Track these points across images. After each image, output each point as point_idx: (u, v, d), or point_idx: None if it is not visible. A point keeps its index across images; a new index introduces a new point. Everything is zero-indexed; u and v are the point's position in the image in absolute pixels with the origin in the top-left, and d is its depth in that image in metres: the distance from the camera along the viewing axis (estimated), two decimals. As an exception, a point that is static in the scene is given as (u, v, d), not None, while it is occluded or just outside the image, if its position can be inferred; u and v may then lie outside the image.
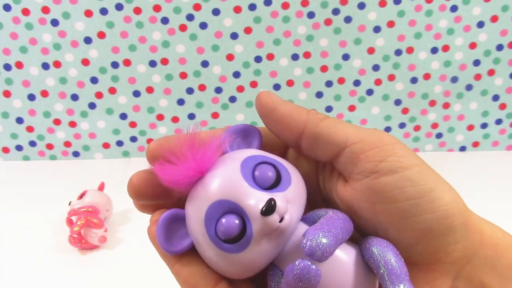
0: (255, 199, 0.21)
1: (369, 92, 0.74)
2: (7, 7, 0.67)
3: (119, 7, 0.67)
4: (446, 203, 0.21)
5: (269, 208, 0.20)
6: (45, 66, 0.71)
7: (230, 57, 0.71)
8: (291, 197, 0.21)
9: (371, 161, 0.22)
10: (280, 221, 0.20)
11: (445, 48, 0.71)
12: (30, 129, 0.75)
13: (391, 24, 0.69)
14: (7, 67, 0.71)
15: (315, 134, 0.23)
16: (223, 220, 0.21)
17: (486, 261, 0.22)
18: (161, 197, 0.23)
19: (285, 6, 0.68)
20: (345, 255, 0.22)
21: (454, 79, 0.73)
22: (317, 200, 0.25)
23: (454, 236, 0.22)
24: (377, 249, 0.21)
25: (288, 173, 0.22)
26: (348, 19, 0.69)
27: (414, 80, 0.73)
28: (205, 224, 0.21)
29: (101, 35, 0.69)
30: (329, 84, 0.73)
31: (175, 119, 0.75)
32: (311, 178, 0.25)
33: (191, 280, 0.22)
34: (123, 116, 0.75)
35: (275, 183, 0.22)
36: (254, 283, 0.24)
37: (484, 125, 0.77)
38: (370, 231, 0.23)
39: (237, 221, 0.21)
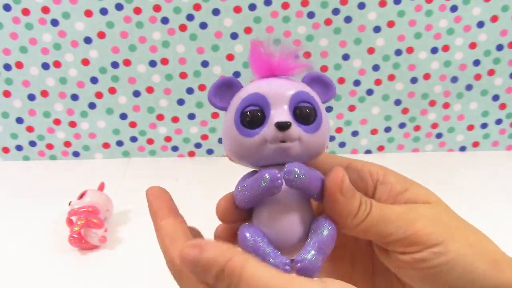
0: (282, 112, 0.23)
1: (369, 92, 0.74)
2: (7, 7, 0.67)
3: (119, 7, 0.67)
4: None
5: (283, 124, 0.22)
6: (45, 66, 0.71)
7: (230, 57, 0.71)
8: (308, 143, 0.23)
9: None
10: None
11: (445, 48, 0.71)
12: (30, 129, 0.75)
13: (391, 24, 0.69)
14: (7, 67, 0.71)
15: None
16: (252, 106, 0.24)
17: None
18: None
19: (285, 6, 0.68)
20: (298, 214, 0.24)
21: (454, 79, 0.73)
22: None
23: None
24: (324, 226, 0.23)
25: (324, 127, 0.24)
26: (348, 19, 0.69)
27: (414, 80, 0.73)
28: (241, 101, 0.24)
29: (101, 35, 0.69)
30: (329, 84, 0.73)
31: (175, 119, 0.75)
32: None
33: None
34: (123, 116, 0.75)
35: (309, 122, 0.24)
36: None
37: (484, 125, 0.77)
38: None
39: (259, 112, 0.23)
